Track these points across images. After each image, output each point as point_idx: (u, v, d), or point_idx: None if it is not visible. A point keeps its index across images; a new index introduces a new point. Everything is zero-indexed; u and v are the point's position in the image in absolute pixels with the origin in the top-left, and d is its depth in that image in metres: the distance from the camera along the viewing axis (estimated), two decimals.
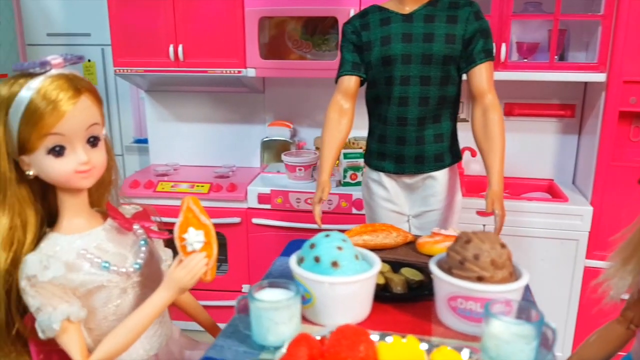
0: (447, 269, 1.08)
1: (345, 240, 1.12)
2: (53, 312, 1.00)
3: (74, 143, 1.02)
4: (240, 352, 0.99)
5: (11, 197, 1.03)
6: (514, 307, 0.99)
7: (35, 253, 1.03)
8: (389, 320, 1.11)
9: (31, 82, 0.97)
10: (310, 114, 2.74)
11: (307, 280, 1.06)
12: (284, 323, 0.98)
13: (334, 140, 1.70)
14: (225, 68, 2.39)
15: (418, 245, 1.40)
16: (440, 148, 1.73)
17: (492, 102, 1.64)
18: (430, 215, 1.80)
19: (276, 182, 2.51)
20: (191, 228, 1.08)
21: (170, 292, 1.08)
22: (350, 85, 1.71)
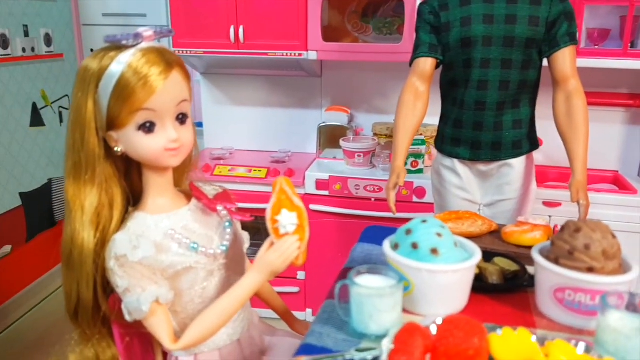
0: (553, 259, 1.03)
1: (443, 226, 1.07)
2: (142, 294, 0.99)
3: (164, 119, 0.99)
4: (340, 340, 0.97)
5: (100, 174, 1.01)
6: (626, 300, 0.94)
7: (124, 232, 1.01)
8: (488, 312, 1.07)
9: (121, 56, 0.95)
10: (368, 99, 2.69)
11: (405, 268, 1.02)
12: (387, 311, 0.95)
13: (409, 124, 1.65)
14: (286, 50, 2.36)
15: (504, 235, 1.35)
16: (519, 134, 1.67)
17: (575, 87, 1.57)
18: (504, 205, 1.74)
19: (334, 168, 2.48)
20: (284, 210, 1.05)
21: (262, 276, 1.05)
22: (427, 68, 1.66)
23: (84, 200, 1.01)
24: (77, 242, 1.00)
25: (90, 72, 0.97)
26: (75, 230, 1.01)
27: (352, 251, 1.37)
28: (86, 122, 0.98)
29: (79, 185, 1.01)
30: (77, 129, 0.99)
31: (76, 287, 1.04)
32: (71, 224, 1.01)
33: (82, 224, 1.01)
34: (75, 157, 1.00)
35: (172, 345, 1.04)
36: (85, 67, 0.98)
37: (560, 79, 1.59)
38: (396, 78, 2.61)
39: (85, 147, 0.99)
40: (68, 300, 1.06)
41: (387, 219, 2.30)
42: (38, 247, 2.76)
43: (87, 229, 1.00)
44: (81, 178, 1.01)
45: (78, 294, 1.04)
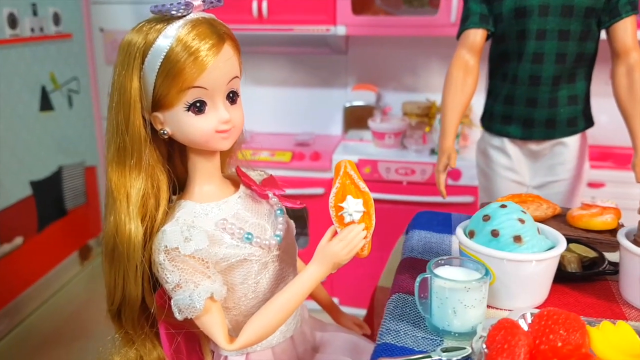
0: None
1: (524, 211, 0.98)
2: (195, 290, 0.89)
3: (215, 98, 0.89)
4: (420, 337, 0.87)
5: (146, 159, 0.91)
6: None
7: (173, 223, 0.92)
8: (571, 303, 0.98)
9: (169, 29, 0.85)
10: (397, 77, 2.57)
11: (486, 258, 0.92)
12: (473, 306, 0.85)
13: (458, 101, 1.54)
14: (313, 25, 2.23)
15: (571, 219, 1.25)
16: (574, 111, 1.57)
17: (637, 60, 1.47)
18: (555, 186, 1.65)
19: (361, 150, 2.37)
20: (349, 196, 0.95)
21: (325, 268, 0.96)
22: (477, 40, 1.54)
23: (130, 188, 0.91)
24: (123, 234, 0.90)
25: (134, 47, 0.86)
26: (121, 221, 0.91)
27: (408, 239, 1.27)
28: (131, 101, 0.87)
29: (123, 171, 0.91)
30: (120, 109, 0.89)
31: (121, 283, 0.94)
32: (115, 214, 0.91)
33: (129, 214, 0.91)
34: (119, 141, 0.90)
35: (228, 346, 0.94)
36: (129, 41, 0.87)
37: (622, 51, 1.48)
38: (427, 54, 2.49)
39: (130, 129, 0.89)
40: (111, 298, 0.97)
41: (420, 204, 2.21)
42: (49, 237, 2.67)
43: (134, 220, 0.91)
44: (126, 164, 0.91)
45: (123, 291, 0.94)
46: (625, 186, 2.06)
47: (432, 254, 1.16)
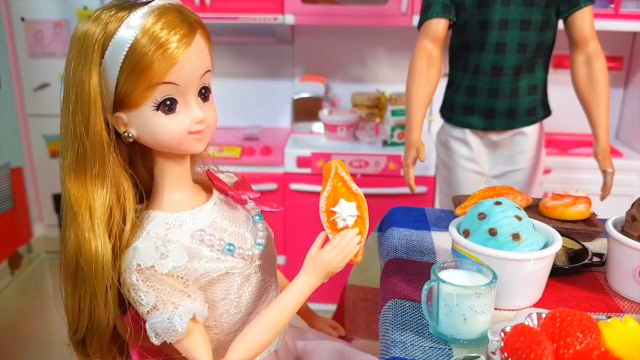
0: (637, 236, 0.94)
1: (519, 208, 0.95)
2: (175, 311, 0.79)
3: (187, 96, 0.80)
4: (427, 348, 0.83)
5: (110, 166, 0.80)
6: None
7: (145, 238, 0.81)
8: (566, 298, 0.97)
9: (131, 18, 0.74)
10: (345, 67, 2.51)
11: (486, 258, 0.89)
12: (483, 312, 0.82)
13: (423, 93, 1.51)
14: (260, 14, 2.13)
15: (545, 209, 1.25)
16: (534, 101, 1.58)
17: (595, 50, 1.50)
18: (514, 176, 1.66)
19: (313, 143, 2.31)
20: (342, 199, 0.89)
21: (317, 278, 0.89)
22: (439, 30, 1.52)
23: (93, 201, 0.80)
24: (88, 253, 0.79)
25: (92, 38, 0.75)
26: (85, 239, 0.79)
27: (387, 238, 1.23)
28: (90, 101, 0.76)
29: (84, 181, 0.80)
30: (78, 110, 0.77)
31: (88, 308, 0.83)
32: (77, 230, 0.80)
33: (93, 230, 0.80)
34: (78, 147, 0.78)
35: None
36: (84, 32, 0.76)
37: (580, 40, 1.50)
38: (376, 44, 2.46)
39: (91, 132, 0.78)
40: (74, 326, 0.85)
41: (376, 196, 2.18)
42: None
43: (100, 236, 0.80)
44: (87, 172, 0.80)
45: (90, 317, 0.83)
46: (570, 172, 2.13)
47: (417, 253, 1.13)
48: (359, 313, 1.45)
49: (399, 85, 2.41)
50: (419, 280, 1.01)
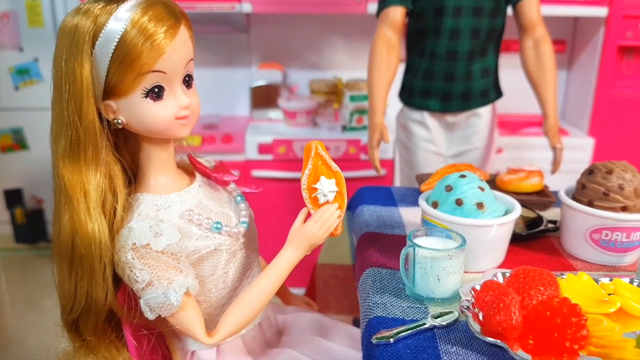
0: (587, 202, 1.05)
1: (481, 180, 1.04)
2: (170, 286, 0.85)
3: (173, 83, 0.85)
4: (406, 307, 0.90)
5: (102, 151, 0.84)
6: None
7: (138, 219, 0.86)
8: (526, 260, 1.06)
9: (120, 11, 0.79)
10: (301, 54, 2.56)
11: (455, 226, 0.97)
12: (455, 272, 0.90)
13: (384, 78, 1.58)
14: (217, 3, 2.14)
15: (501, 183, 1.35)
16: (487, 83, 1.68)
17: (543, 34, 1.61)
18: (470, 155, 1.76)
19: (274, 130, 2.35)
20: (322, 177, 0.96)
21: (301, 251, 0.96)
22: (397, 17, 1.59)
23: (87, 185, 0.83)
24: (85, 235, 0.83)
25: (82, 30, 0.78)
26: (80, 222, 0.83)
27: (358, 215, 1.29)
28: (83, 90, 0.80)
29: (78, 167, 0.83)
30: (71, 99, 0.80)
31: (85, 287, 0.86)
32: (73, 213, 0.83)
33: (89, 212, 0.83)
34: (72, 134, 0.82)
35: (208, 340, 0.91)
36: (75, 25, 0.79)
37: (528, 25, 1.61)
38: (331, 31, 2.52)
39: (84, 120, 0.81)
40: (69, 306, 0.88)
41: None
42: None
43: (97, 218, 0.83)
44: (80, 158, 0.83)
45: (87, 298, 0.87)
46: (521, 151, 2.27)
47: (387, 227, 1.20)
48: (329, 290, 1.51)
49: (355, 72, 2.49)
50: (392, 250, 1.08)
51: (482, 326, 0.81)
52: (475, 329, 0.80)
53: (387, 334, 0.81)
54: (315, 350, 1.07)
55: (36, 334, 1.95)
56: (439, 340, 0.81)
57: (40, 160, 2.69)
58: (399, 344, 0.81)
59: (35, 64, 2.58)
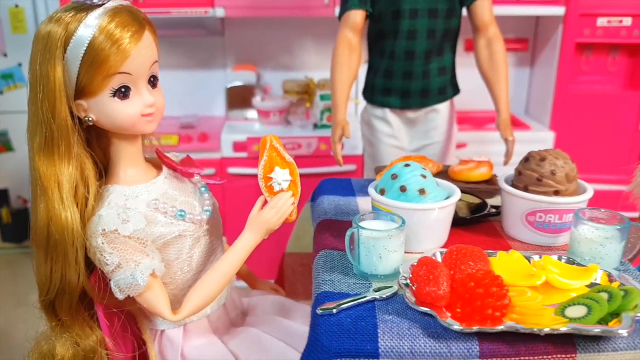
0: (522, 187, 1.14)
1: (424, 168, 1.13)
2: (137, 268, 0.93)
3: (139, 83, 0.94)
4: (352, 283, 0.99)
5: (74, 146, 0.93)
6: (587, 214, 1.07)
7: (107, 207, 0.95)
8: (467, 241, 1.15)
9: (89, 18, 0.87)
10: (274, 56, 2.65)
11: (398, 210, 1.06)
12: (395, 251, 0.99)
13: (345, 77, 1.68)
14: (190, 8, 2.22)
15: (453, 173, 1.45)
16: (444, 81, 1.78)
17: (495, 33, 1.71)
18: (430, 149, 1.86)
19: (248, 129, 2.44)
20: (277, 167, 1.04)
21: (258, 235, 1.04)
22: (357, 20, 1.68)
23: (61, 176, 0.92)
24: (59, 222, 0.91)
25: (55, 37, 0.87)
26: (54, 210, 0.91)
27: (318, 204, 1.38)
28: (56, 91, 0.88)
29: (52, 160, 0.92)
30: (45, 99, 0.89)
31: (59, 270, 0.94)
32: (47, 203, 0.92)
33: (62, 201, 0.92)
34: (46, 131, 0.91)
35: (173, 317, 0.99)
36: (48, 32, 0.88)
37: (481, 26, 1.71)
38: (302, 34, 2.61)
39: (57, 118, 0.90)
40: (45, 288, 0.97)
41: (309, 175, 2.33)
42: None
43: (69, 207, 0.92)
44: (54, 152, 0.92)
45: (61, 280, 0.95)
46: (483, 145, 2.37)
47: (344, 214, 1.29)
48: (297, 278, 1.60)
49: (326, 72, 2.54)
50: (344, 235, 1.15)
51: (416, 297, 0.90)
52: (410, 300, 0.89)
53: (331, 306, 0.90)
54: (276, 328, 1.16)
55: (23, 327, 2.02)
56: (378, 311, 0.90)
57: (25, 162, 2.71)
58: (341, 314, 0.89)
59: (19, 69, 2.65)
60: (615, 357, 0.83)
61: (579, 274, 0.96)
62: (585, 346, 0.83)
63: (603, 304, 0.86)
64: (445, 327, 0.84)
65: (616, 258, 1.02)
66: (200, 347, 1.10)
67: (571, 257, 1.03)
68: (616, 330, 0.81)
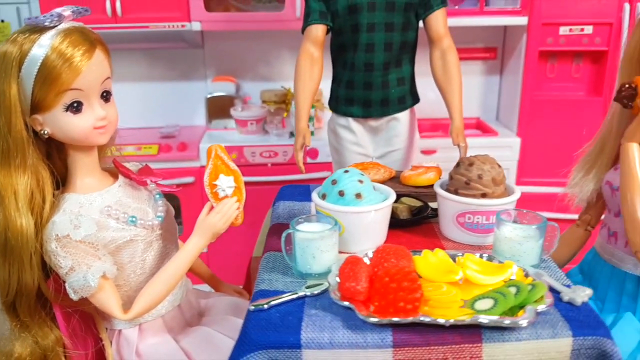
0: (453, 190, 1.23)
1: (362, 174, 1.22)
2: (88, 271, 1.02)
3: (91, 98, 1.02)
4: (288, 282, 1.08)
5: (29, 158, 1.01)
6: (513, 215, 1.16)
7: (61, 214, 1.03)
8: (404, 242, 1.24)
9: (42, 39, 0.95)
10: (253, 68, 2.75)
11: (336, 213, 1.15)
12: (327, 251, 1.07)
13: (307, 88, 1.77)
14: (168, 22, 2.32)
15: (403, 179, 1.53)
16: (403, 91, 1.87)
17: (449, 45, 1.79)
18: (393, 155, 1.94)
19: (227, 137, 2.53)
20: (222, 175, 1.13)
21: (205, 238, 1.12)
22: (318, 34, 1.77)
23: (17, 186, 1.00)
24: (15, 229, 0.99)
25: (10, 56, 0.96)
26: (11, 217, 1.00)
27: (275, 209, 1.47)
28: (11, 106, 0.97)
29: (9, 171, 1.00)
30: (1, 114, 0.98)
31: (16, 274, 1.03)
32: (4, 211, 1.00)
33: (18, 209, 1.00)
34: (2, 144, 0.99)
35: (123, 316, 1.07)
36: (4, 52, 0.97)
37: (435, 38, 1.79)
38: (278, 46, 2.70)
39: (13, 131, 0.99)
40: (5, 290, 1.05)
41: (285, 182, 2.41)
42: None
43: (24, 214, 1.00)
44: (11, 164, 1.00)
45: (18, 282, 1.03)
46: (452, 151, 2.43)
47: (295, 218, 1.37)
48: None
49: None
50: None
51: (340, 293, 0.98)
52: (335, 295, 0.98)
53: (263, 302, 0.99)
54: (228, 327, 1.24)
55: None
56: (306, 306, 0.99)
57: None
58: (272, 310, 0.98)
59: None
60: (519, 347, 0.91)
61: (495, 271, 1.04)
62: (490, 336, 0.91)
63: (509, 297, 0.95)
64: (363, 320, 0.92)
65: (534, 255, 1.10)
66: (154, 346, 1.17)
67: (495, 255, 1.11)
68: (517, 321, 0.90)
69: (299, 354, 0.90)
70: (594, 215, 1.43)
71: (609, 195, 1.29)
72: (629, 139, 1.14)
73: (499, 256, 1.11)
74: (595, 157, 1.35)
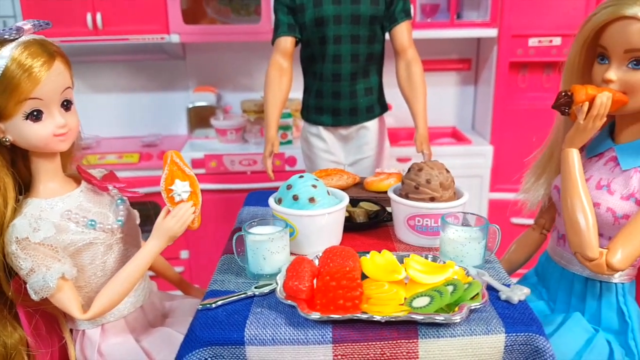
0: (404, 195, 1.28)
1: (317, 179, 1.27)
2: (47, 272, 1.05)
3: (51, 107, 1.06)
4: (240, 282, 1.12)
5: None
6: (461, 218, 1.21)
7: (21, 217, 1.07)
8: (359, 244, 1.28)
9: (3, 51, 1.00)
10: (234, 78, 2.81)
11: (289, 216, 1.20)
12: (278, 252, 1.12)
13: (276, 98, 1.83)
14: (147, 35, 2.39)
15: (366, 184, 1.58)
16: (371, 100, 1.92)
17: (413, 56, 1.85)
18: (364, 162, 2.00)
19: (207, 146, 2.58)
20: (177, 180, 1.17)
21: (161, 241, 1.16)
22: (287, 46, 1.83)
23: None
24: None
25: None
26: None
27: (239, 214, 1.52)
28: None
29: None
30: None
31: None
32: None
33: None
34: None
35: (82, 316, 1.11)
36: None
37: (400, 49, 1.85)
38: (258, 56, 2.76)
39: None
40: None
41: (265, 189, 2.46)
42: None
43: None
44: None
45: None
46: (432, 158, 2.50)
47: None
48: None
49: None
50: None
51: (285, 292, 1.03)
52: (281, 294, 1.03)
53: (210, 301, 1.03)
54: None
55: None
56: (254, 305, 1.03)
57: None
58: (219, 309, 1.02)
59: None
60: (453, 343, 0.95)
61: (437, 270, 1.09)
62: (426, 332, 0.95)
63: (445, 295, 0.99)
64: (305, 317, 0.97)
65: (477, 256, 1.15)
66: (116, 345, 1.21)
67: (440, 256, 1.16)
68: (450, 317, 0.94)
69: (242, 350, 0.94)
70: (548, 219, 1.47)
71: (557, 199, 1.34)
72: (568, 145, 1.19)
73: (444, 257, 1.16)
74: (545, 163, 1.40)
